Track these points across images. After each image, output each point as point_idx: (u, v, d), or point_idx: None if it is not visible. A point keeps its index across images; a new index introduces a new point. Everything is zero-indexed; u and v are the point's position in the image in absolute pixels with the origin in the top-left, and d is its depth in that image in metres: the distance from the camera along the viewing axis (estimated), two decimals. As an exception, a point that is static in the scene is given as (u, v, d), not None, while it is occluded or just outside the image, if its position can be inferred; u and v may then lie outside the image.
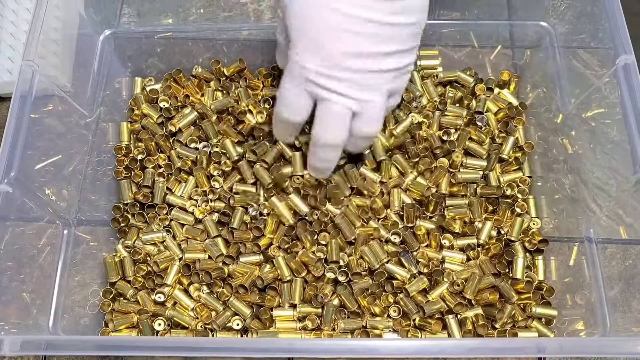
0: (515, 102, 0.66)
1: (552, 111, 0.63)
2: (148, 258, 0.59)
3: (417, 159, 0.61)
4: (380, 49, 0.49)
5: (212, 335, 0.56)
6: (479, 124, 0.63)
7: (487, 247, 0.59)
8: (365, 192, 0.60)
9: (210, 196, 0.60)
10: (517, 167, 0.63)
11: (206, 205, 0.60)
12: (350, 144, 0.54)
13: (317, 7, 0.48)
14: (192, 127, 0.64)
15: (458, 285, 0.56)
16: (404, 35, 0.49)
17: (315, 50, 0.49)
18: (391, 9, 0.48)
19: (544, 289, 0.57)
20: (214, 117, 0.64)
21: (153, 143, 0.63)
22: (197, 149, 0.63)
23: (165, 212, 0.61)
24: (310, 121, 0.54)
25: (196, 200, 0.61)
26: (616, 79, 0.53)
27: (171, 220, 0.60)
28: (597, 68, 0.58)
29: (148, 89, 0.67)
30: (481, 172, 0.62)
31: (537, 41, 0.67)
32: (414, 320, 0.56)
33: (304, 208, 0.58)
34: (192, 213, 0.60)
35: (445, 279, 0.57)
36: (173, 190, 0.61)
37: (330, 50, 0.48)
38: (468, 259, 0.59)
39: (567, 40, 0.64)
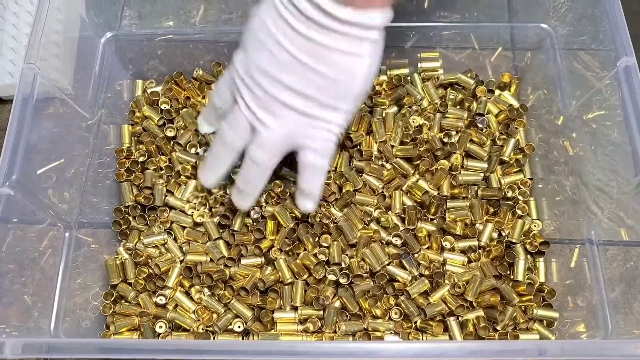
0: (516, 104, 0.66)
1: (552, 113, 0.63)
2: (149, 260, 0.59)
3: (418, 161, 0.61)
4: (291, 80, 0.46)
5: (214, 338, 0.56)
6: (480, 126, 0.63)
7: (488, 249, 0.59)
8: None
9: (211, 201, 0.60)
10: (518, 169, 0.63)
11: (205, 209, 0.60)
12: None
13: (268, 7, 0.46)
14: (193, 131, 0.64)
15: (459, 288, 0.56)
16: (322, 85, 0.46)
17: (244, 49, 0.49)
18: (316, 51, 0.45)
19: (545, 291, 0.57)
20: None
21: (154, 145, 0.63)
22: (197, 153, 0.63)
23: (166, 214, 0.61)
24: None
25: (196, 204, 0.61)
26: (617, 81, 0.53)
27: (172, 223, 0.60)
28: (598, 70, 0.58)
29: (149, 91, 0.67)
30: (482, 174, 0.62)
31: (538, 43, 0.67)
32: (415, 322, 0.56)
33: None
34: (191, 215, 0.60)
35: (446, 281, 0.57)
36: (174, 193, 0.61)
37: (251, 55, 0.48)
38: (469, 261, 0.59)
39: (567, 42, 0.64)
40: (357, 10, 0.43)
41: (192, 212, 0.60)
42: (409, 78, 0.67)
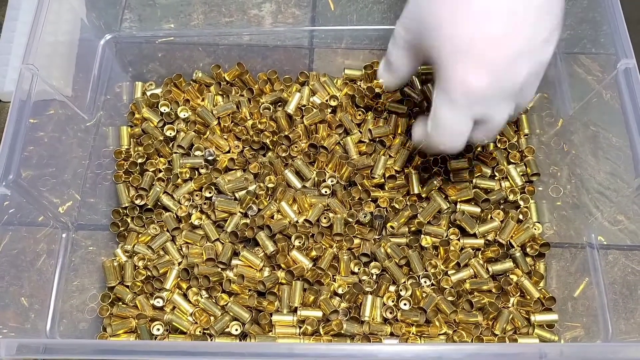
0: (516, 107, 0.66)
1: (553, 116, 0.63)
2: (148, 263, 0.59)
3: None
4: None
5: (210, 341, 0.55)
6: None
7: (486, 251, 0.59)
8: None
9: (206, 206, 0.60)
10: (521, 172, 0.63)
11: (202, 214, 0.60)
12: None
13: None
14: (193, 132, 0.64)
15: (456, 289, 0.56)
16: None
17: None
18: None
19: (546, 298, 0.56)
20: (214, 122, 0.64)
21: (153, 147, 0.63)
22: (196, 155, 0.63)
23: (164, 216, 0.60)
24: None
25: (196, 207, 0.60)
26: (617, 84, 0.53)
27: (175, 228, 0.60)
28: (598, 73, 0.58)
29: (149, 93, 0.67)
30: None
31: (538, 46, 0.67)
32: (414, 325, 0.55)
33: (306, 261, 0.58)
34: (190, 216, 0.60)
35: (445, 285, 0.56)
36: (172, 195, 0.61)
37: None
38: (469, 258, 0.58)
39: (568, 46, 0.63)
40: None
41: (191, 213, 0.60)
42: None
